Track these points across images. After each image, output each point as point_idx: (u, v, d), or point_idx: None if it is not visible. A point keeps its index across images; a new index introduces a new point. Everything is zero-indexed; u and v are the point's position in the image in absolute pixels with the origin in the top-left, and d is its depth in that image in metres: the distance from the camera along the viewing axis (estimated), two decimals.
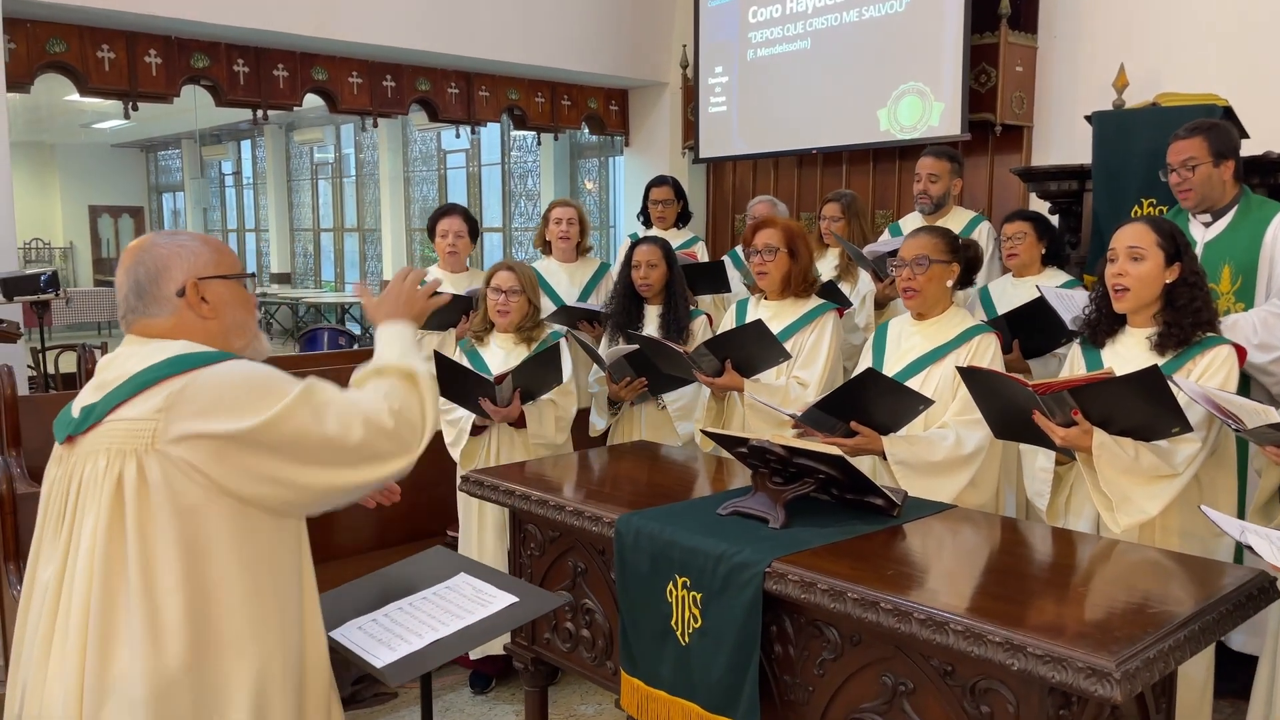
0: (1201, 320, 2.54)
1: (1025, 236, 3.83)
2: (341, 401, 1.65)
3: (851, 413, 2.79)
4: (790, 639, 2.18)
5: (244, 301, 1.78)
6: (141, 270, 1.70)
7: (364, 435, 1.64)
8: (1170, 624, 1.80)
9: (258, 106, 6.04)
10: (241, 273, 1.79)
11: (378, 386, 1.74)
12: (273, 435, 1.57)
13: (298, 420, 1.58)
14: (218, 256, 1.76)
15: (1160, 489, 2.38)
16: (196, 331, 1.71)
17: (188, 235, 1.78)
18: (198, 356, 1.63)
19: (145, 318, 1.69)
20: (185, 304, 1.70)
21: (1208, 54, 4.93)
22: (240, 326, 1.77)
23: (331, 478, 1.63)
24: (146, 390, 1.58)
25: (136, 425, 1.56)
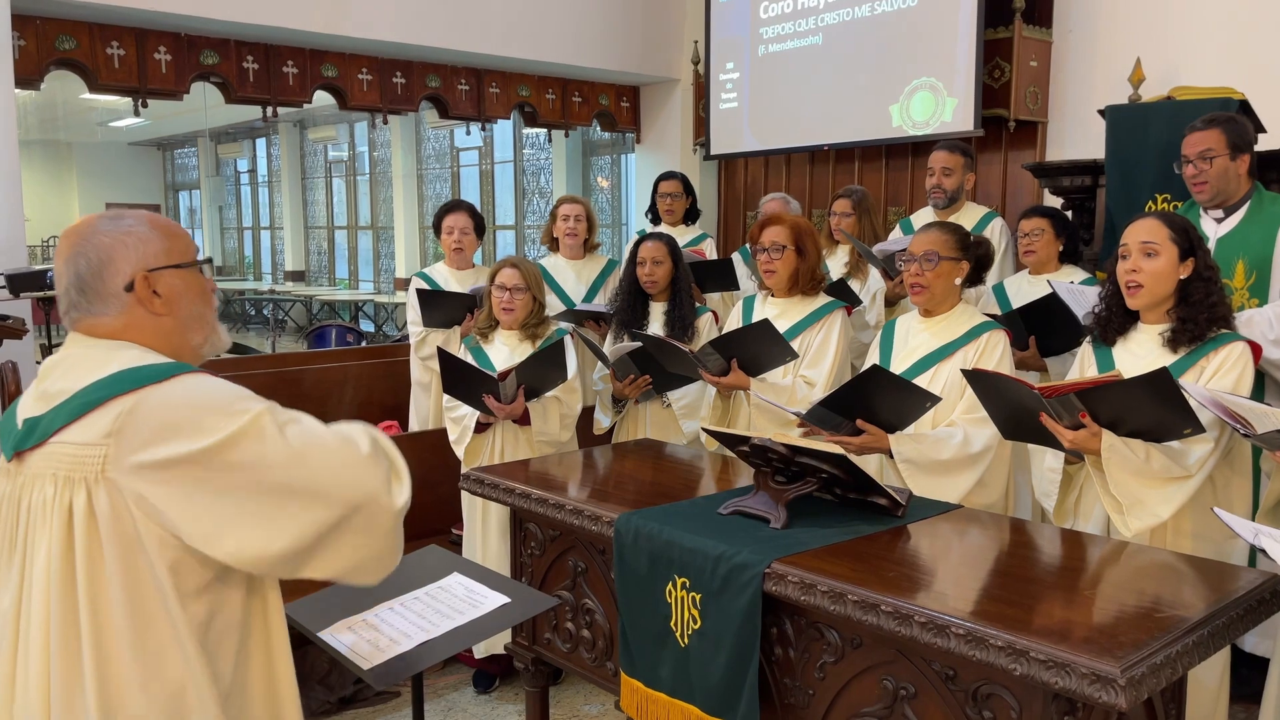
0: (1216, 316, 2.48)
1: (1043, 234, 3.77)
2: (310, 421, 1.48)
3: (857, 410, 2.74)
4: (790, 641, 2.14)
5: (200, 291, 1.61)
6: (83, 262, 1.51)
7: (334, 456, 1.44)
8: (1178, 629, 1.75)
9: (267, 103, 6.04)
10: (196, 259, 1.62)
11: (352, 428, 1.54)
12: (231, 456, 1.39)
13: (260, 437, 1.40)
14: (169, 243, 1.56)
15: (1172, 491, 2.32)
16: (148, 330, 1.54)
17: (133, 218, 1.56)
18: (147, 372, 1.46)
19: (90, 316, 1.52)
20: (134, 300, 1.52)
21: (1225, 47, 4.85)
22: (197, 319, 1.60)
23: (296, 507, 1.42)
24: (93, 412, 1.41)
25: (84, 452, 1.40)
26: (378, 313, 13.57)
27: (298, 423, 1.46)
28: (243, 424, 1.39)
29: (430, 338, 4.10)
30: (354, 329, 7.17)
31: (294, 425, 1.45)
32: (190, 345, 1.59)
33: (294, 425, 1.45)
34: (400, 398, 4.62)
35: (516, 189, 11.84)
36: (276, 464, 1.40)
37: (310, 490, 1.41)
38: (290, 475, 1.40)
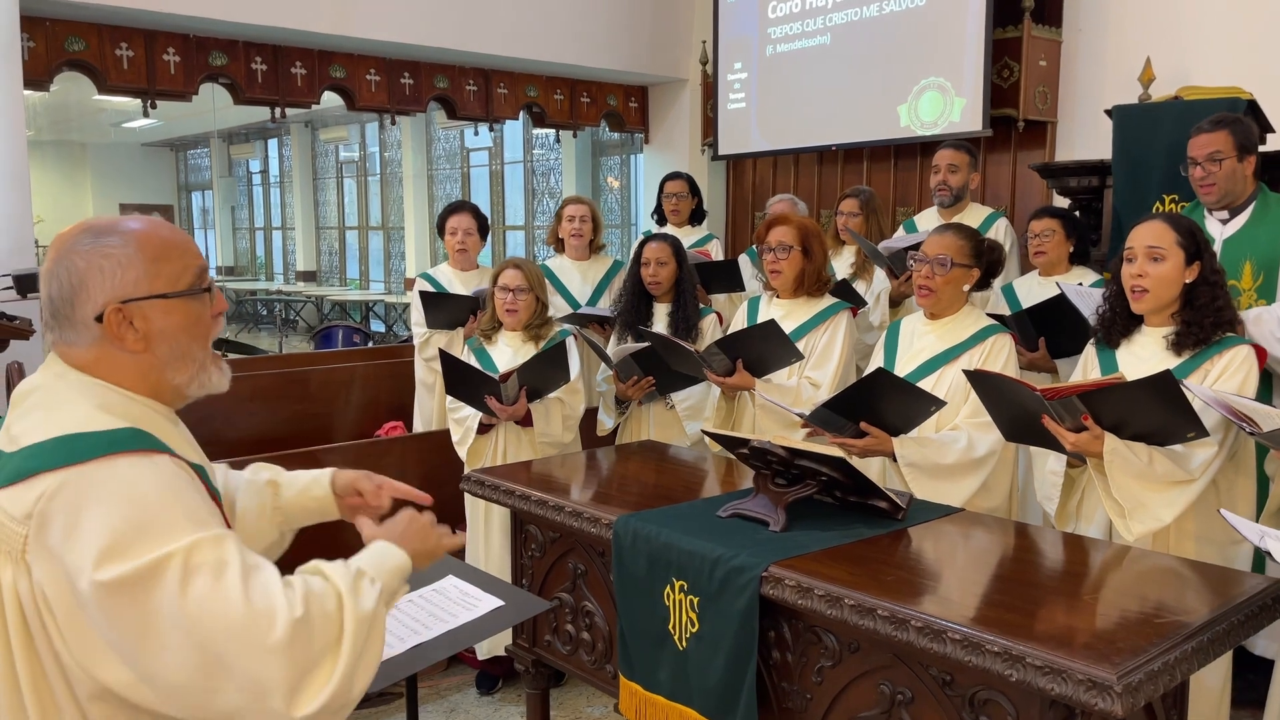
0: (1222, 320, 2.46)
1: (1054, 234, 3.74)
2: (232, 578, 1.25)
3: (861, 413, 2.73)
4: (788, 645, 2.13)
5: (190, 324, 1.41)
6: (55, 285, 1.36)
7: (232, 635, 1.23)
8: (1179, 634, 1.73)
9: (276, 104, 6.05)
10: (187, 289, 1.40)
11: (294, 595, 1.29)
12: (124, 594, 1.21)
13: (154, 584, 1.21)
14: (154, 267, 1.37)
15: (1175, 495, 2.30)
16: (122, 366, 1.38)
17: (119, 235, 1.37)
18: (83, 444, 1.28)
19: (63, 342, 1.38)
20: (105, 333, 1.35)
21: (1235, 46, 4.81)
22: (181, 357, 1.41)
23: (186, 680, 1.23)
24: (24, 481, 1.27)
25: (11, 525, 1.27)
26: (388, 313, 13.61)
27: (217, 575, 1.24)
28: (143, 564, 1.21)
29: (434, 339, 4.10)
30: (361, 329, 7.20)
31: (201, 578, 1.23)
32: (171, 385, 1.42)
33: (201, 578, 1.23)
34: (406, 398, 4.63)
35: (526, 189, 11.85)
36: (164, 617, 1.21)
37: (188, 664, 1.22)
38: (173, 639, 1.22)
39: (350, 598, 1.32)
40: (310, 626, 1.26)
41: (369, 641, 1.32)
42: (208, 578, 1.23)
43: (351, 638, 1.29)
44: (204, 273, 1.45)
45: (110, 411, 1.34)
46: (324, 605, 1.30)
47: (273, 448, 4.06)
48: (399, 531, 1.54)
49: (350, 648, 1.29)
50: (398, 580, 1.48)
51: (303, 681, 1.25)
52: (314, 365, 4.95)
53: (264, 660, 1.23)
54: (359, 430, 4.71)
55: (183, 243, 1.43)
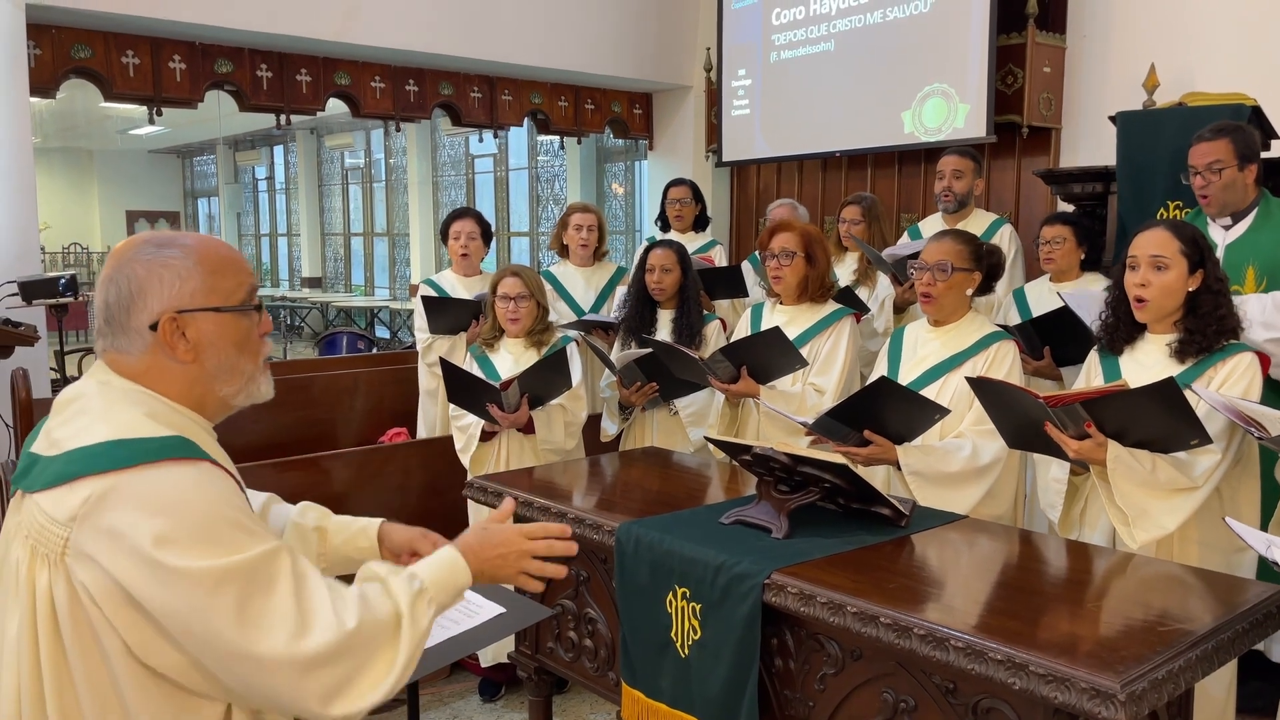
0: (1225, 328, 2.45)
1: (1064, 242, 3.72)
2: (284, 599, 1.29)
3: (865, 421, 2.72)
4: (791, 652, 2.12)
5: (240, 338, 1.45)
6: (113, 291, 1.40)
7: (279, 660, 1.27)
8: (1183, 643, 1.73)
9: (281, 111, 6.08)
10: (240, 304, 1.45)
11: (350, 606, 1.34)
12: (183, 595, 1.25)
13: (222, 592, 1.25)
14: (211, 280, 1.42)
15: (1179, 503, 2.29)
16: (171, 376, 1.41)
17: (180, 249, 1.42)
18: (134, 449, 1.30)
19: (114, 350, 1.41)
20: (158, 341, 1.39)
21: (1239, 52, 4.80)
22: (229, 370, 1.45)
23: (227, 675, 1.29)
24: (66, 485, 1.29)
25: (50, 528, 1.29)
26: (393, 319, 13.63)
27: (269, 589, 1.28)
28: (200, 568, 1.24)
29: (436, 345, 4.10)
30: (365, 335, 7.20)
31: (256, 592, 1.27)
32: (217, 396, 1.46)
33: (256, 592, 1.27)
34: (410, 404, 4.63)
35: (531, 196, 11.87)
36: (215, 624, 1.25)
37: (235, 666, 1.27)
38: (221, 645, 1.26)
39: (409, 619, 1.37)
40: (361, 636, 1.32)
41: (415, 656, 1.37)
42: (262, 591, 1.27)
43: (405, 654, 1.35)
44: (255, 291, 1.50)
45: (157, 419, 1.36)
46: (377, 616, 1.34)
47: (276, 454, 4.06)
48: (477, 545, 1.53)
49: (402, 663, 1.34)
50: (454, 600, 1.50)
51: (346, 687, 1.30)
52: (318, 372, 4.96)
53: (310, 670, 1.28)
54: (363, 437, 4.71)
55: (239, 261, 1.49)
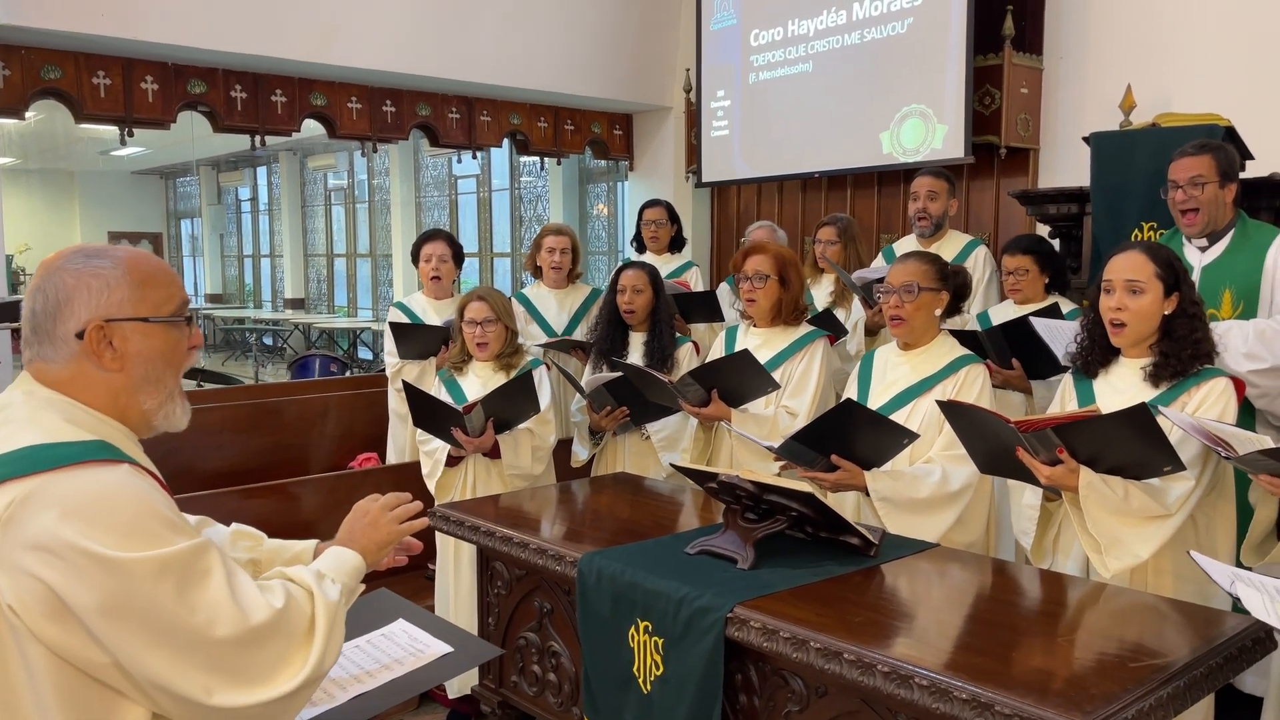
0: (1200, 352, 2.41)
1: (1028, 273, 3.67)
2: (219, 585, 1.33)
3: (832, 446, 2.66)
4: (755, 688, 2.06)
5: (167, 351, 1.45)
6: (41, 299, 1.39)
7: (225, 634, 1.31)
8: (1154, 680, 1.67)
9: (256, 132, 6.01)
10: (170, 316, 1.44)
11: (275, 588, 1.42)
12: (120, 585, 1.25)
13: (161, 581, 1.27)
14: (139, 291, 1.41)
15: (1152, 531, 2.23)
16: (95, 385, 1.40)
17: (110, 259, 1.42)
18: (56, 452, 1.30)
19: (40, 359, 1.40)
20: (84, 350, 1.39)
21: (1216, 74, 4.80)
22: (153, 382, 1.44)
23: (163, 670, 1.29)
24: None
25: None
26: (376, 340, 13.54)
27: (204, 579, 1.31)
28: (127, 559, 1.25)
29: (406, 370, 4.04)
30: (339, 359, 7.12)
31: (191, 583, 1.30)
32: (140, 409, 1.45)
33: (191, 583, 1.30)
34: (382, 429, 4.56)
35: (513, 216, 11.83)
36: (164, 620, 1.28)
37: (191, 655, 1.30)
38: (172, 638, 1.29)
39: (317, 590, 1.46)
40: (290, 615, 1.40)
41: (334, 627, 1.45)
42: (197, 582, 1.31)
43: (323, 623, 1.43)
44: (185, 305, 1.50)
45: (79, 426, 1.37)
46: (297, 597, 1.43)
47: (244, 480, 3.98)
48: (348, 534, 1.67)
49: (323, 632, 1.42)
50: (355, 580, 1.60)
51: (282, 663, 1.37)
52: (289, 395, 4.88)
53: (249, 652, 1.34)
54: (333, 462, 4.63)
55: (168, 273, 1.50)
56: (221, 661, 1.32)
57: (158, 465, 1.51)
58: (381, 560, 1.71)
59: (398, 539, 1.70)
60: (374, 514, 1.69)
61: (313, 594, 1.45)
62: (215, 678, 1.31)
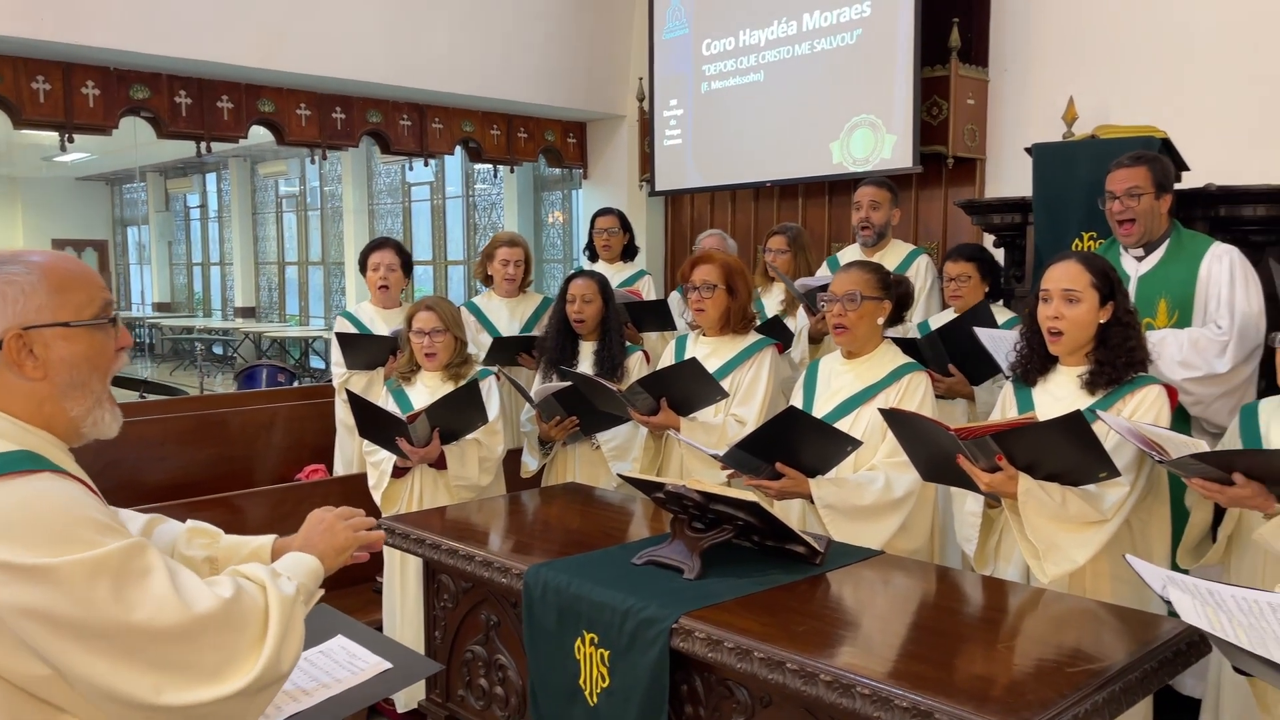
0: (1134, 360, 2.46)
1: (969, 280, 3.75)
2: (160, 580, 1.29)
3: (777, 454, 2.67)
4: (701, 699, 2.05)
5: (92, 355, 1.42)
6: None
7: (168, 627, 1.27)
8: (1091, 684, 1.69)
9: (201, 139, 5.92)
10: (91, 319, 1.41)
11: (224, 581, 1.39)
12: (53, 592, 1.22)
13: (96, 583, 1.24)
14: (58, 296, 1.38)
15: (1089, 536, 2.27)
16: (18, 394, 1.37)
17: (24, 265, 1.38)
18: None
19: None
20: (3, 359, 1.35)
21: (1152, 87, 4.92)
22: (79, 387, 1.41)
23: (107, 674, 1.25)
24: None
25: None
26: (328, 349, 13.36)
27: (143, 577, 1.27)
28: (88, 556, 1.23)
29: (353, 380, 3.99)
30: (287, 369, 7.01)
31: (130, 582, 1.26)
32: (67, 417, 1.41)
33: (130, 582, 1.26)
34: (330, 440, 4.50)
35: (467, 224, 11.77)
36: (100, 624, 1.24)
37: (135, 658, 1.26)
38: (113, 642, 1.25)
39: (271, 585, 1.42)
40: (240, 606, 1.35)
41: (292, 622, 1.40)
42: (135, 580, 1.27)
43: (278, 617, 1.38)
44: (109, 305, 1.45)
45: (2, 437, 1.34)
46: (248, 590, 1.39)
47: (190, 493, 3.91)
48: (304, 539, 1.66)
49: (277, 626, 1.37)
50: (313, 581, 1.57)
51: (234, 658, 1.32)
52: (235, 406, 4.80)
53: (198, 647, 1.30)
54: (280, 474, 4.56)
55: (88, 275, 1.45)
56: (168, 657, 1.28)
57: (99, 479, 1.48)
58: (338, 565, 1.68)
59: (355, 546, 1.69)
60: (330, 521, 1.68)
61: (265, 587, 1.41)
62: (164, 675, 1.27)
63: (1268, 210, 3.32)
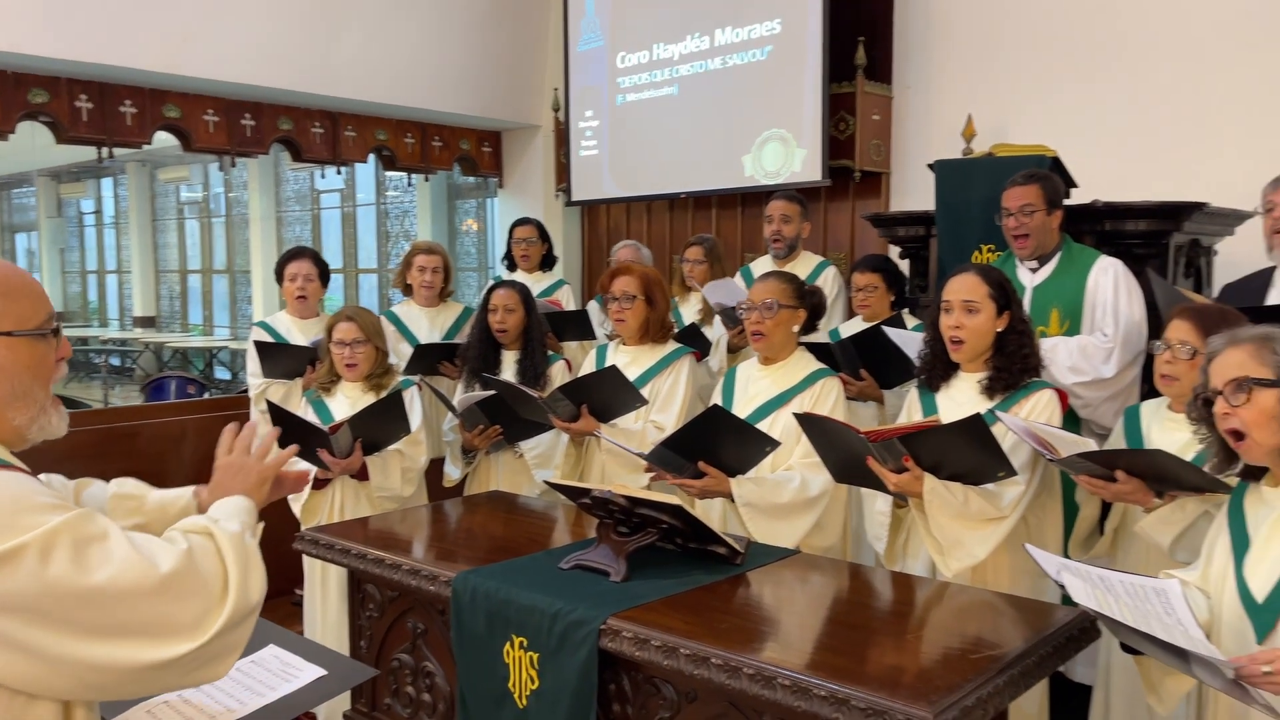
0: (1029, 366, 2.63)
1: (876, 289, 3.92)
2: (119, 542, 1.31)
3: (699, 453, 2.77)
4: (628, 697, 2.12)
5: (34, 364, 1.42)
6: None
7: (138, 586, 1.29)
8: (992, 669, 1.81)
9: (103, 144, 5.75)
10: (34, 329, 1.42)
11: (174, 538, 1.41)
12: (9, 577, 1.23)
13: (51, 559, 1.25)
14: (2, 305, 1.39)
15: (989, 533, 2.43)
16: None
17: None
18: None
19: None
20: None
21: (1044, 108, 5.20)
22: (22, 396, 1.42)
23: (87, 649, 1.26)
24: None
25: None
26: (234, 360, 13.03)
27: (101, 541, 1.28)
28: (40, 533, 1.24)
29: (271, 390, 3.94)
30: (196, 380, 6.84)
31: (88, 548, 1.27)
32: (11, 425, 1.42)
33: (88, 548, 1.27)
34: None
35: (379, 232, 11.63)
36: (63, 596, 1.25)
37: (105, 626, 1.27)
38: (79, 614, 1.26)
39: (215, 528, 1.44)
40: (197, 556, 1.37)
41: (248, 555, 1.44)
42: (95, 544, 1.28)
43: (231, 554, 1.41)
44: (52, 317, 1.47)
45: None
46: (197, 542, 1.40)
47: None
48: (221, 488, 1.66)
49: (235, 563, 1.40)
50: (251, 517, 1.59)
51: (209, 607, 1.35)
52: (143, 419, 4.68)
53: (172, 602, 1.32)
54: None
55: (32, 286, 1.46)
56: (145, 616, 1.29)
57: None
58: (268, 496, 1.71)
59: (272, 472, 1.71)
60: (235, 461, 1.69)
61: (212, 533, 1.43)
62: (144, 636, 1.29)
63: (1148, 225, 3.55)
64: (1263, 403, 1.81)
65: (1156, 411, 2.57)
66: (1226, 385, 1.85)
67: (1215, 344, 1.92)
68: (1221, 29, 4.73)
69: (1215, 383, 1.87)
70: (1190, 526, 2.29)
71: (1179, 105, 4.84)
